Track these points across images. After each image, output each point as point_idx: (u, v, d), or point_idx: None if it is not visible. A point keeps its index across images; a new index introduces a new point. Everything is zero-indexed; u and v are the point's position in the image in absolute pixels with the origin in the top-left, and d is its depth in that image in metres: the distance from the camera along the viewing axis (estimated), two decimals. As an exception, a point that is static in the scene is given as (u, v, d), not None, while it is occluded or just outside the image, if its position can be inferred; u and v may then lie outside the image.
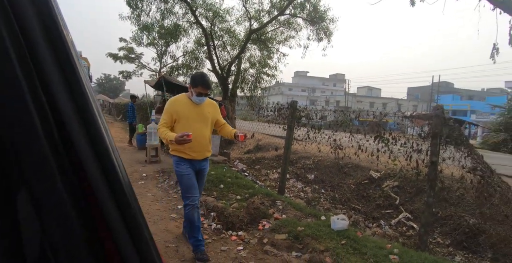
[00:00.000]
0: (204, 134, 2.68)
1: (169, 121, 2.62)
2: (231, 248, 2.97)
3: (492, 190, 3.42)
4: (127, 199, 0.45)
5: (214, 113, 2.82)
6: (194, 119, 2.64)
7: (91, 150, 0.42)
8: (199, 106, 2.68)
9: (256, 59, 12.91)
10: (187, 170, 2.66)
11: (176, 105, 2.64)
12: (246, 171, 6.53)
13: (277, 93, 52.08)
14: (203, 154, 2.73)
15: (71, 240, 0.40)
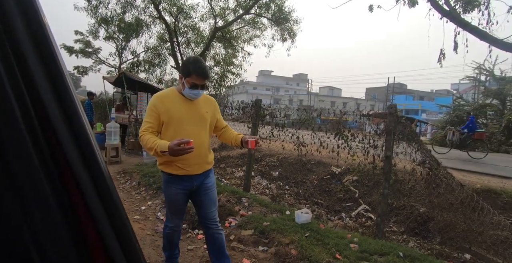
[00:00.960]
0: (202, 140, 2.04)
1: (155, 124, 1.94)
2: (198, 247, 2.96)
3: (438, 181, 3.76)
4: (110, 191, 0.46)
5: (214, 113, 2.17)
6: (188, 121, 1.99)
7: (74, 143, 0.42)
8: (194, 103, 2.04)
9: (221, 57, 12.89)
10: (178, 193, 2.04)
11: (165, 102, 1.96)
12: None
13: (241, 92, 52.20)
14: (201, 167, 2.06)
15: (54, 232, 0.40)
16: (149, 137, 1.86)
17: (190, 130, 1.98)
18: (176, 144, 1.68)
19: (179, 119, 1.96)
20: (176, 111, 1.96)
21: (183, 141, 1.68)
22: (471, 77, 21.19)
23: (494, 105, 17.65)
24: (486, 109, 17.85)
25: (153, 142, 1.80)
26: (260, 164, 6.92)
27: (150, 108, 1.96)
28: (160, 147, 1.74)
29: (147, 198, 4.25)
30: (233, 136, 2.19)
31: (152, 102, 1.98)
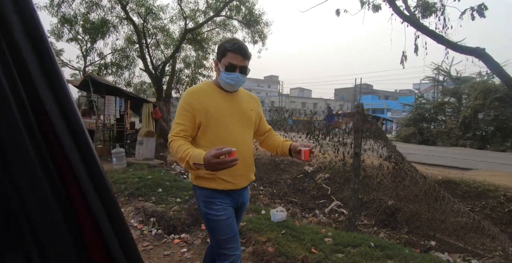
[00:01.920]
0: (249, 143, 1.67)
1: (189, 127, 1.53)
2: (175, 252, 2.91)
3: (404, 174, 3.99)
4: (107, 187, 0.46)
5: (258, 112, 1.78)
6: (232, 120, 1.59)
7: (73, 141, 0.42)
8: (236, 98, 1.65)
9: (192, 59, 12.71)
10: (226, 210, 1.57)
11: (201, 98, 1.56)
12: (185, 173, 6.40)
13: (213, 95, 51.63)
14: (248, 178, 1.68)
15: (53, 228, 0.40)
16: (180, 143, 1.44)
17: (235, 132, 1.59)
18: (214, 155, 1.25)
19: (220, 118, 1.55)
20: (216, 107, 1.55)
21: (223, 151, 1.25)
22: (431, 78, 22.57)
23: (452, 103, 18.95)
24: (444, 107, 19.13)
25: (185, 151, 1.38)
26: (234, 165, 6.93)
27: (182, 107, 1.55)
28: (194, 158, 1.32)
29: (118, 205, 4.10)
30: (279, 143, 1.77)
31: (184, 99, 1.57)
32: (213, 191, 1.55)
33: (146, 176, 4.83)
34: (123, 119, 7.69)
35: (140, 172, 5.27)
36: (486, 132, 15.83)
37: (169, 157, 8.05)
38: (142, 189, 4.27)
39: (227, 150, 1.25)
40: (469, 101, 16.37)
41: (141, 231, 3.32)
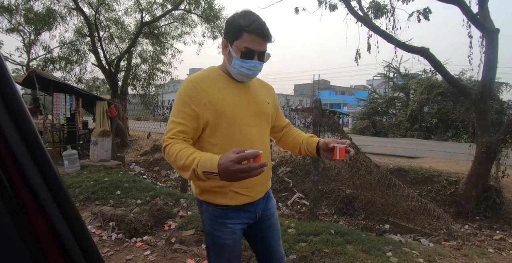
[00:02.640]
0: (266, 145, 1.35)
1: (190, 128, 1.18)
2: (138, 255, 2.81)
3: (359, 164, 4.23)
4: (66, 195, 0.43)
5: (274, 105, 1.45)
6: (248, 118, 1.26)
7: (25, 146, 0.38)
8: (249, 88, 1.32)
9: (149, 54, 12.13)
10: (235, 234, 1.28)
11: (207, 89, 1.21)
12: (145, 174, 6.18)
13: (172, 91, 50.24)
14: (266, 186, 1.37)
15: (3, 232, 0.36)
16: (181, 147, 1.09)
17: (251, 132, 1.26)
18: (234, 159, 0.92)
19: (232, 116, 1.21)
20: (227, 102, 1.21)
21: (247, 154, 0.93)
22: (382, 74, 23.99)
23: (401, 98, 20.40)
24: (395, 101, 20.56)
25: (189, 156, 1.04)
26: (196, 163, 6.82)
27: (181, 101, 1.18)
28: (203, 165, 0.98)
29: (72, 210, 3.85)
30: (302, 140, 1.43)
31: (184, 90, 1.20)
32: (224, 209, 1.24)
33: (103, 179, 4.58)
34: (74, 119, 7.18)
35: (95, 174, 4.98)
36: (430, 124, 17.34)
37: (127, 157, 7.70)
38: (99, 192, 4.05)
39: (252, 153, 0.93)
40: (415, 96, 17.75)
41: (99, 237, 3.15)
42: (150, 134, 8.89)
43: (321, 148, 1.33)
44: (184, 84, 1.23)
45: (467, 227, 4.30)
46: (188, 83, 1.22)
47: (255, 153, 0.94)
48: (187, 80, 1.24)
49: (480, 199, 4.57)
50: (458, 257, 2.97)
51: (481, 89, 4.56)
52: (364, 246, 2.78)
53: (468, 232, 4.09)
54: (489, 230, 4.21)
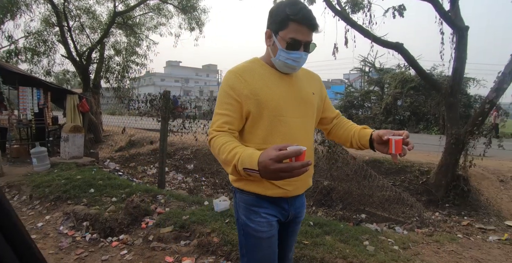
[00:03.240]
0: (309, 140, 1.29)
1: (235, 119, 1.16)
2: (114, 255, 2.72)
3: (336, 156, 4.32)
4: None
5: (321, 96, 1.37)
6: (292, 110, 1.21)
7: None
8: (293, 79, 1.26)
9: (123, 46, 11.61)
10: (272, 227, 1.22)
11: (249, 80, 1.18)
12: (120, 170, 5.98)
13: (148, 84, 49.02)
14: (305, 183, 1.30)
15: None
16: (224, 140, 1.07)
17: (294, 125, 1.20)
18: (275, 157, 0.86)
19: (276, 108, 1.16)
20: (270, 94, 1.17)
21: (289, 152, 0.86)
22: (358, 68, 24.46)
23: (376, 92, 20.98)
24: (370, 95, 21.12)
25: (231, 151, 1.01)
26: (173, 158, 6.70)
27: (225, 93, 1.17)
28: (244, 161, 0.95)
29: (43, 212, 3.66)
30: (354, 131, 1.32)
31: (227, 82, 1.19)
32: (258, 198, 1.20)
33: (75, 176, 4.38)
34: (43, 114, 6.79)
35: (67, 172, 4.76)
36: (403, 117, 18.02)
37: (101, 153, 7.43)
38: (71, 191, 3.87)
39: (294, 150, 0.85)
40: (390, 90, 18.31)
41: (73, 238, 3.02)
42: (125, 129, 8.61)
43: (375, 140, 1.21)
44: (226, 75, 1.23)
45: (438, 214, 4.52)
46: (229, 74, 1.21)
47: (298, 150, 0.84)
48: (229, 71, 1.23)
49: (449, 188, 4.80)
50: (430, 243, 3.11)
51: (451, 84, 4.75)
52: (342, 236, 2.84)
53: (439, 219, 4.30)
54: (458, 216, 4.44)
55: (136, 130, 8.59)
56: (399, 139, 1.09)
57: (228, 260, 2.52)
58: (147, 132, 8.26)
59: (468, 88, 15.64)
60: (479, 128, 4.70)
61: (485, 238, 3.66)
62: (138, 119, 6.81)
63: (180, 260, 2.55)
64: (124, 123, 8.41)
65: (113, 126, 9.23)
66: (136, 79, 12.07)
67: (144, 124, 6.78)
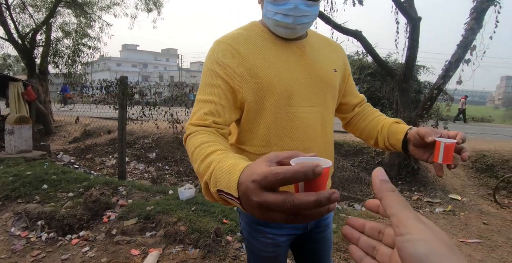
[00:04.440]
0: (328, 133, 0.96)
1: (225, 107, 0.82)
2: (75, 253, 2.59)
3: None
4: None
5: (345, 71, 1.03)
6: (302, 94, 0.87)
7: None
8: (304, 48, 0.91)
9: (72, 27, 10.57)
10: (278, 247, 0.98)
11: (242, 51, 0.84)
12: (76, 163, 5.64)
13: (103, 70, 46.06)
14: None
15: None
16: (201, 140, 0.70)
17: (307, 115, 0.88)
18: (261, 178, 0.40)
19: (284, 94, 0.84)
20: (276, 73, 0.84)
21: (298, 168, 0.37)
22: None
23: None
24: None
25: (205, 158, 0.63)
26: (134, 147, 6.43)
27: (210, 71, 0.85)
28: (219, 181, 0.52)
29: (-11, 212, 3.36)
30: (383, 125, 0.98)
31: (211, 55, 0.86)
32: None
33: (24, 172, 4.05)
34: (-21, 105, 6.10)
35: (15, 168, 4.37)
36: (361, 99, 18.94)
37: (53, 145, 6.92)
38: (21, 188, 3.58)
39: (305, 167, 0.37)
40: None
41: (27, 239, 2.82)
42: (79, 118, 8.05)
43: (411, 141, 0.85)
44: (212, 47, 0.88)
45: (391, 191, 4.90)
46: (217, 45, 0.87)
47: (312, 167, 0.37)
48: (216, 42, 0.88)
49: (401, 167, 5.20)
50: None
51: (404, 71, 5.04)
52: (306, 218, 2.97)
53: (392, 196, 4.67)
54: (409, 192, 4.85)
55: (91, 119, 8.07)
56: (451, 144, 0.74)
57: (196, 248, 2.54)
58: (103, 121, 7.80)
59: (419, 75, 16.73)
60: (428, 112, 5.09)
61: (433, 210, 4.07)
62: (93, 107, 6.40)
63: (147, 252, 2.51)
64: (78, 112, 7.86)
65: (65, 116, 8.60)
66: (89, 64, 11.17)
67: (100, 113, 6.39)
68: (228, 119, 0.83)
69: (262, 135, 0.87)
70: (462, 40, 4.50)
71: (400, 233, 0.28)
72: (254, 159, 0.49)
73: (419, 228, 0.27)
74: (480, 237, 3.24)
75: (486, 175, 5.57)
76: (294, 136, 0.87)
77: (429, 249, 0.25)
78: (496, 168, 5.65)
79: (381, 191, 0.33)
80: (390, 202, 0.31)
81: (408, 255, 0.25)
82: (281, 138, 0.86)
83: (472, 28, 4.36)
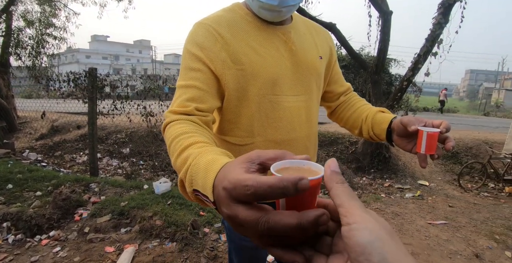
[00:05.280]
0: (313, 123, 0.94)
1: (208, 92, 0.77)
2: (45, 254, 2.48)
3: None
4: None
5: (331, 57, 0.99)
6: (286, 83, 0.84)
7: None
8: (289, 33, 0.86)
9: (36, 16, 9.85)
10: None
11: (225, 34, 0.79)
12: (44, 161, 5.37)
13: (71, 62, 43.89)
14: None
15: None
16: (180, 130, 0.64)
17: (292, 105, 0.85)
18: (231, 186, 0.33)
19: (268, 82, 0.81)
20: (260, 60, 0.80)
21: (280, 179, 0.29)
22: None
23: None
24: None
25: (182, 152, 0.56)
26: (106, 143, 6.21)
27: (190, 54, 0.79)
28: (195, 179, 0.46)
29: None
30: (367, 115, 0.95)
31: (194, 38, 0.80)
32: None
33: (-15, 171, 3.81)
34: None
35: (-26, 167, 4.10)
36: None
37: (18, 143, 6.54)
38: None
39: (285, 184, 0.28)
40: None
41: (-8, 242, 2.67)
42: (45, 114, 7.63)
43: (395, 131, 0.83)
44: (192, 29, 0.82)
45: (365, 179, 5.08)
46: (197, 27, 0.81)
47: (296, 180, 0.28)
48: (197, 24, 0.82)
49: (374, 155, 5.39)
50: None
51: (376, 63, 5.18)
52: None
53: (366, 183, 4.85)
54: (381, 179, 5.05)
55: (59, 114, 7.67)
56: (434, 133, 0.71)
57: (173, 241, 2.51)
58: (72, 116, 7.44)
59: (390, 68, 17.28)
60: (398, 103, 5.29)
61: (403, 195, 4.27)
62: (60, 102, 6.08)
63: (122, 249, 2.46)
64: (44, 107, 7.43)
65: (31, 112, 8.10)
66: (55, 56, 10.54)
67: (68, 108, 6.09)
68: (212, 105, 0.78)
69: (244, 125, 0.83)
70: (430, 34, 4.67)
71: (347, 223, 0.28)
72: (238, 150, 0.50)
73: (364, 217, 0.28)
74: (446, 219, 3.45)
75: (452, 162, 5.91)
76: (278, 125, 0.84)
77: (374, 237, 0.27)
78: (461, 155, 6.00)
79: (330, 182, 0.33)
80: (338, 192, 0.31)
81: (355, 243, 0.27)
82: (264, 128, 0.83)
83: (439, 22, 4.54)
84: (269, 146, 0.84)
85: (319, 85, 0.94)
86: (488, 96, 31.42)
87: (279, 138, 0.85)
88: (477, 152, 6.03)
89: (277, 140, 0.85)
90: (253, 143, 0.83)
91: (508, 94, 30.09)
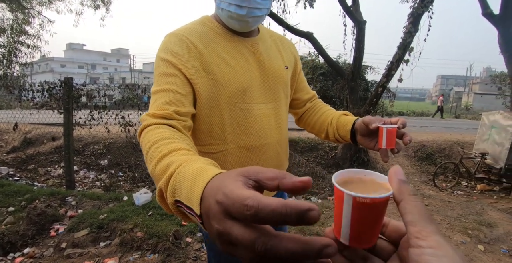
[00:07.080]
0: (282, 130, 0.99)
1: (185, 96, 0.78)
2: (19, 272, 2.37)
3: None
4: None
5: (296, 68, 1.06)
6: (255, 92, 0.89)
7: None
8: (257, 44, 0.92)
9: (7, 23, 9.49)
10: None
11: (198, 44, 0.83)
12: (16, 175, 5.14)
13: (44, 71, 42.36)
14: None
15: None
16: (159, 136, 0.61)
17: (262, 116, 0.90)
18: (230, 202, 0.28)
19: (238, 91, 0.85)
20: (230, 71, 0.84)
21: (282, 206, 0.25)
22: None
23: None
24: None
25: (161, 158, 0.53)
26: (83, 154, 6.02)
27: (164, 61, 0.80)
28: (178, 189, 0.42)
29: None
30: (332, 119, 1.01)
31: (168, 46, 0.82)
32: None
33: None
34: None
35: None
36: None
37: (-12, 156, 6.22)
38: None
39: (289, 212, 0.25)
40: (302, 75, 19.82)
41: (-41, 263, 2.52)
42: (17, 125, 7.32)
43: (359, 131, 0.89)
44: (165, 39, 0.85)
45: (345, 183, 5.19)
46: (170, 37, 0.83)
47: (305, 209, 0.25)
48: (169, 34, 0.85)
49: (353, 159, 5.54)
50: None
51: (352, 71, 5.38)
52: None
53: (346, 187, 4.95)
54: (360, 183, 5.18)
55: (32, 126, 7.37)
56: (393, 129, 0.78)
57: (155, 253, 2.47)
58: (47, 127, 7.18)
59: (366, 74, 17.84)
60: (374, 108, 5.49)
61: (381, 198, 4.39)
62: (34, 113, 5.87)
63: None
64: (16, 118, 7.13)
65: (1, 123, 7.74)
66: (28, 65, 10.18)
67: (42, 119, 5.87)
68: (189, 110, 0.78)
69: (217, 133, 0.86)
70: (401, 42, 4.92)
71: (419, 245, 0.26)
72: (212, 158, 0.49)
73: (441, 244, 0.25)
74: (422, 219, 3.57)
75: (427, 163, 6.16)
76: (250, 132, 0.88)
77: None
78: (435, 156, 6.27)
79: (401, 193, 0.30)
80: (410, 207, 0.29)
81: None
82: (236, 135, 0.87)
83: (410, 31, 4.79)
84: (242, 152, 0.88)
85: (286, 93, 1.00)
86: (459, 99, 33.08)
87: (251, 144, 0.89)
88: (450, 152, 6.32)
89: (249, 146, 0.89)
90: (226, 149, 0.86)
91: (477, 98, 31.79)
